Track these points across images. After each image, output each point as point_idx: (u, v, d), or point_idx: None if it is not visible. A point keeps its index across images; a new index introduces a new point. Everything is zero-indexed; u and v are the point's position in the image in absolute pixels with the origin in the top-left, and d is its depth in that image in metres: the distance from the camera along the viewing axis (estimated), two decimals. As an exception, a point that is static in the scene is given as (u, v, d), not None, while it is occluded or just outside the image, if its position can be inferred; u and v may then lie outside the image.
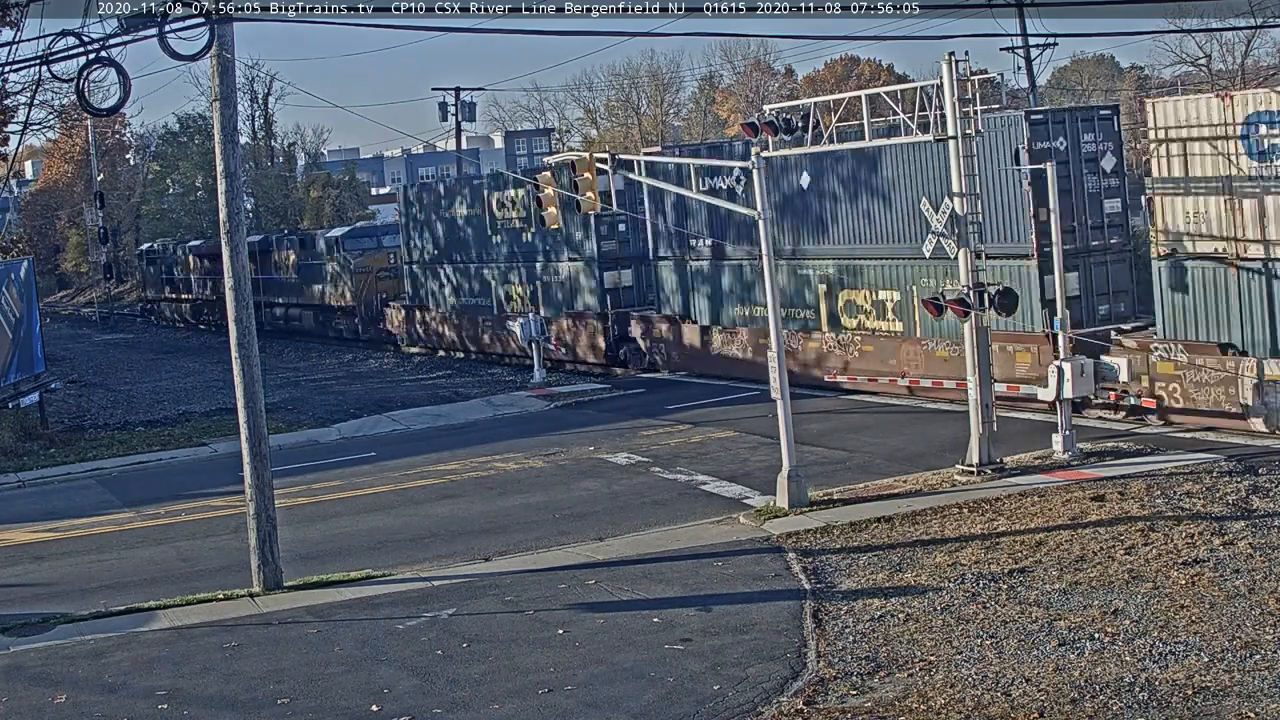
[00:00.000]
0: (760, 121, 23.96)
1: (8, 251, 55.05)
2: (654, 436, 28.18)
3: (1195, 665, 13.18)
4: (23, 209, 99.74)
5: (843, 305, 31.60)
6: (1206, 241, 23.87)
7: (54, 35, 17.88)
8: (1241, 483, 19.64)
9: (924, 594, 16.16)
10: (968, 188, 22.02)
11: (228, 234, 18.70)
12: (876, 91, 24.89)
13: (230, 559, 20.67)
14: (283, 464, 26.31)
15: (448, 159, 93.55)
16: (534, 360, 38.11)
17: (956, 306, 21.89)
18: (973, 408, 22.02)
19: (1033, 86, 53.56)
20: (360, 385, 42.13)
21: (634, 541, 19.91)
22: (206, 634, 16.93)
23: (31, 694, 15.23)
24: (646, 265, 38.79)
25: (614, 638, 15.54)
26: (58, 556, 22.14)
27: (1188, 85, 72.84)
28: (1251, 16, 47.17)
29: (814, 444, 25.16)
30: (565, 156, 26.90)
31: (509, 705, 13.73)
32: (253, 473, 18.77)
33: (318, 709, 14.11)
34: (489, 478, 25.61)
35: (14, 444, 33.05)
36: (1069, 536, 17.84)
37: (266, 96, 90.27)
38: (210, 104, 19.66)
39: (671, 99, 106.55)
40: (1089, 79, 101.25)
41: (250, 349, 18.78)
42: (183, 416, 37.48)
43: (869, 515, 19.96)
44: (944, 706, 12.79)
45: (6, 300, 36.88)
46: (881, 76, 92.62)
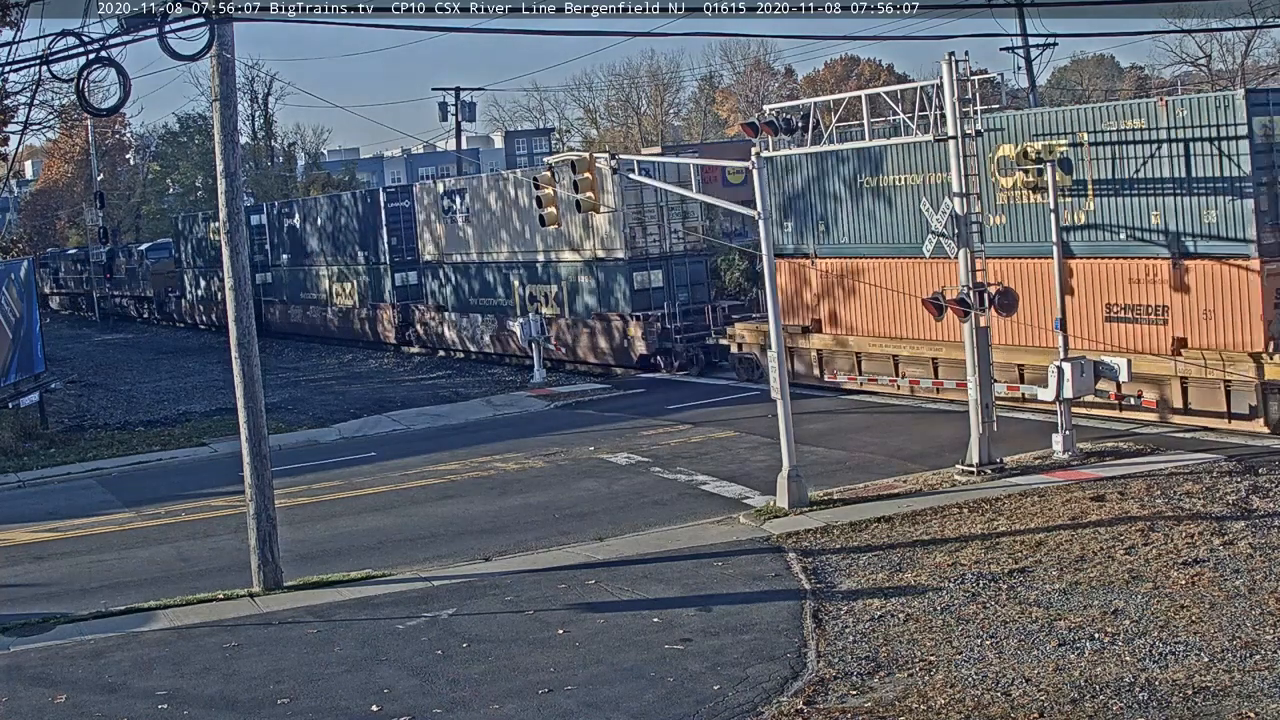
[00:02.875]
0: (760, 121, 23.97)
1: (8, 251, 55.08)
2: (654, 436, 28.19)
3: (1195, 665, 13.18)
4: (23, 209, 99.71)
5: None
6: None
7: (54, 35, 17.91)
8: (1241, 483, 19.64)
9: (924, 594, 16.16)
10: (968, 187, 22.03)
11: (228, 234, 18.70)
12: (876, 91, 24.90)
13: (230, 559, 20.67)
14: (283, 464, 26.31)
15: (448, 159, 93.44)
16: (534, 360, 38.11)
17: (956, 306, 21.90)
18: (973, 408, 22.02)
19: (1033, 86, 53.60)
20: (360, 385, 42.14)
21: (634, 541, 19.91)
22: (206, 634, 16.92)
23: (31, 694, 15.22)
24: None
25: (614, 638, 15.54)
26: (58, 556, 22.14)
27: (1188, 85, 72.90)
28: (1251, 16, 47.24)
29: (814, 444, 25.16)
30: (565, 156, 26.85)
31: (509, 705, 13.73)
32: (253, 473, 18.77)
33: (318, 709, 14.11)
34: (489, 478, 25.61)
35: (14, 444, 33.05)
36: (1069, 536, 17.85)
37: (266, 96, 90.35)
38: (210, 104, 19.68)
39: (671, 99, 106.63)
40: (1089, 79, 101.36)
41: (250, 349, 18.78)
42: (183, 416, 37.48)
43: (869, 515, 19.96)
44: (944, 706, 12.79)
45: (6, 300, 36.88)
46: (881, 76, 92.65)
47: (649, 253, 37.16)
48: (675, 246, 37.34)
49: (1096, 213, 25.15)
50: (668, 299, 36.83)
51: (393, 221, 49.03)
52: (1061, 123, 25.48)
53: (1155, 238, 24.27)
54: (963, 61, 21.81)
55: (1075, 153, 25.09)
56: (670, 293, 36.96)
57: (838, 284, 31.30)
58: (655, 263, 37.16)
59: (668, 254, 37.27)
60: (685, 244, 37.43)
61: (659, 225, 37.17)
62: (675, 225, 37.22)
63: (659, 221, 37.17)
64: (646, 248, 37.13)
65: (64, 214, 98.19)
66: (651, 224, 37.14)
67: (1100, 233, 25.20)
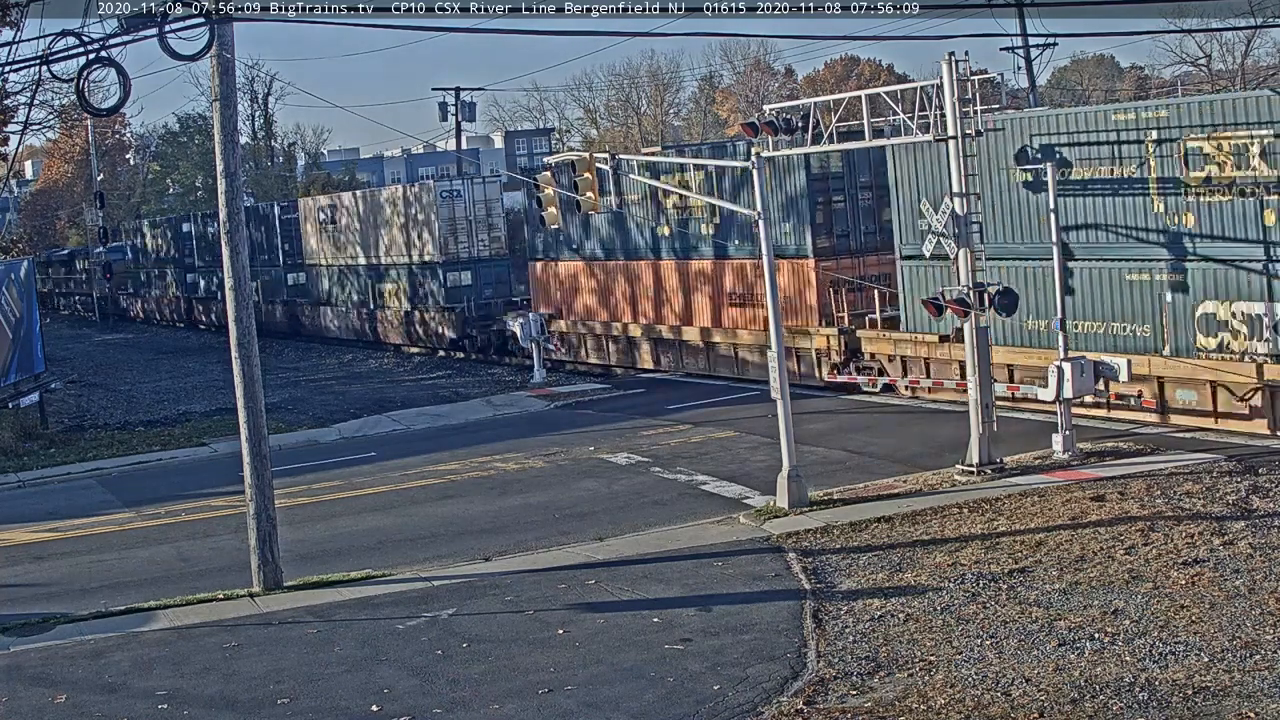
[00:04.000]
0: (760, 121, 23.97)
1: (8, 251, 55.12)
2: (654, 436, 28.19)
3: (1195, 665, 13.18)
4: (23, 209, 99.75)
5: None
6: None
7: (54, 35, 17.91)
8: (1241, 483, 19.64)
9: (924, 594, 16.16)
10: (968, 187, 22.03)
11: (228, 234, 18.70)
12: (876, 91, 24.91)
13: (230, 559, 20.67)
14: (283, 464, 26.30)
15: (448, 159, 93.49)
16: (534, 360, 38.16)
17: (956, 306, 21.90)
18: (973, 408, 22.02)
19: (1033, 86, 53.60)
20: (360, 385, 42.15)
21: (634, 541, 19.91)
22: (206, 634, 16.93)
23: (31, 694, 15.23)
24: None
25: (614, 638, 15.54)
26: (58, 556, 22.14)
27: (1188, 85, 72.88)
28: (1251, 16, 47.25)
29: (814, 444, 25.16)
30: (565, 156, 26.87)
31: (509, 705, 13.73)
32: (253, 473, 18.77)
33: (318, 709, 14.11)
34: (489, 478, 25.61)
35: (14, 444, 33.05)
36: (1069, 536, 17.85)
37: (266, 96, 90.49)
38: (210, 104, 19.67)
39: (671, 99, 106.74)
40: (1089, 79, 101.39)
41: (250, 349, 18.79)
42: (183, 416, 37.48)
43: (869, 515, 19.96)
44: (944, 706, 12.80)
45: (6, 300, 36.89)
46: (881, 76, 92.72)
47: (460, 257, 45.82)
48: (481, 252, 46.01)
49: (723, 227, 34.11)
50: (474, 295, 45.24)
51: (285, 231, 57.99)
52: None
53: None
54: (963, 61, 21.82)
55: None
56: (476, 290, 45.48)
57: (571, 281, 40.69)
58: (465, 265, 45.81)
59: (475, 258, 45.90)
60: (490, 250, 46.20)
61: (469, 235, 45.96)
62: (482, 235, 46.12)
63: (469, 232, 45.97)
64: (458, 253, 45.80)
65: (64, 214, 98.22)
66: (463, 234, 45.94)
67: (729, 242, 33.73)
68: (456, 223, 45.84)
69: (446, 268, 45.64)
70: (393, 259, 49.12)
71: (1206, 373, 23.40)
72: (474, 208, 45.75)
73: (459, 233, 45.90)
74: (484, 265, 46.04)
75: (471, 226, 46.01)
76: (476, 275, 45.75)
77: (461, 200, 45.80)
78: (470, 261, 45.89)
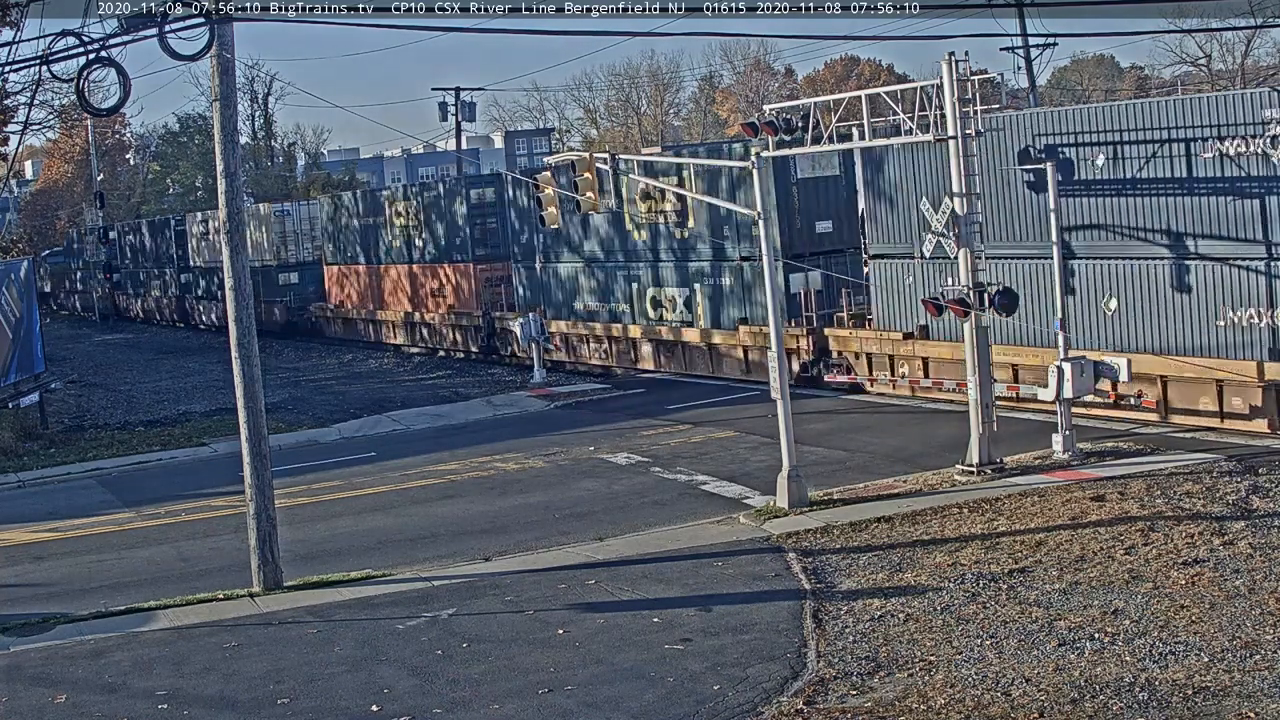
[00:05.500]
0: (760, 121, 23.96)
1: (8, 251, 55.14)
2: (654, 436, 28.19)
3: (1195, 665, 13.18)
4: (23, 209, 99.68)
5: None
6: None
7: (54, 35, 17.90)
8: (1241, 483, 19.64)
9: (924, 594, 16.16)
10: (968, 188, 22.02)
11: (228, 234, 18.70)
12: (876, 91, 24.88)
13: (230, 559, 20.67)
14: (283, 464, 26.30)
15: (448, 159, 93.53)
16: (534, 360, 38.14)
17: (956, 306, 21.89)
18: (973, 408, 22.02)
19: (1033, 86, 53.62)
20: (360, 385, 42.14)
21: (634, 541, 19.91)
22: (206, 634, 16.93)
23: (31, 694, 15.23)
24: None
25: (614, 638, 15.54)
26: (58, 556, 22.15)
27: (1188, 85, 72.87)
28: (1251, 16, 47.23)
29: (814, 444, 25.16)
30: (565, 156, 26.87)
31: (509, 705, 13.73)
32: (253, 473, 18.77)
33: (318, 709, 14.11)
34: (489, 478, 25.61)
35: (14, 444, 33.04)
36: (1069, 536, 17.85)
37: (266, 96, 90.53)
38: (210, 104, 19.67)
39: (671, 99, 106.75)
40: (1089, 79, 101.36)
41: (250, 349, 18.78)
42: (183, 416, 37.47)
43: (869, 515, 19.96)
44: (944, 706, 12.80)
45: (6, 300, 36.88)
46: (881, 76, 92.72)
47: (289, 261, 58.29)
48: (306, 257, 58.15)
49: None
50: (298, 290, 57.75)
51: (178, 241, 69.40)
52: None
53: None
54: (963, 61, 21.79)
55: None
56: (301, 286, 57.87)
57: (354, 279, 53.43)
58: (293, 268, 58.37)
59: (302, 262, 58.09)
60: (312, 255, 57.89)
61: (295, 244, 58.26)
62: (306, 244, 58.10)
63: (296, 241, 58.26)
64: (287, 258, 58.23)
65: (64, 214, 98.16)
66: (291, 242, 58.27)
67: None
68: (287, 234, 58.60)
69: (279, 270, 58.41)
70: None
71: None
72: (298, 219, 58.60)
73: (289, 241, 58.32)
74: (308, 268, 58.10)
75: (299, 236, 58.57)
76: (303, 275, 58.18)
77: (290, 218, 58.64)
78: (297, 265, 58.53)
